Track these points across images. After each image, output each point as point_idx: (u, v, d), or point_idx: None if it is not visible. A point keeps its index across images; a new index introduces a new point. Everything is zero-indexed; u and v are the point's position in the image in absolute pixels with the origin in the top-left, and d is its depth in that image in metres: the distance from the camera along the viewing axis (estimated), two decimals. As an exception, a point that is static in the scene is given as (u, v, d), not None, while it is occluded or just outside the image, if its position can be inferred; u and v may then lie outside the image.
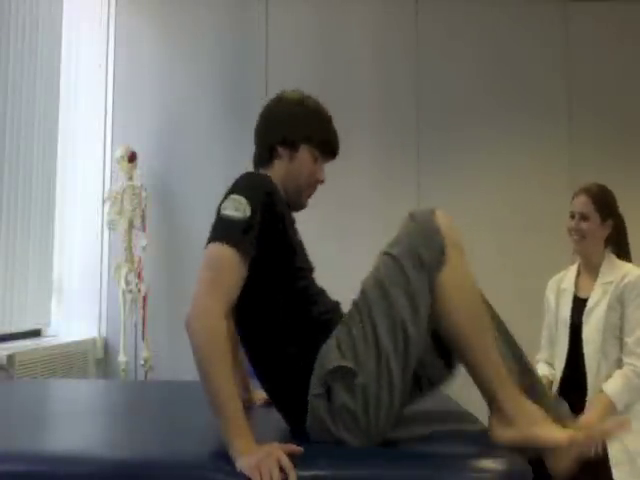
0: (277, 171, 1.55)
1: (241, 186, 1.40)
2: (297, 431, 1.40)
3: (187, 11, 4.10)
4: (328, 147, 1.60)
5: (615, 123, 4.15)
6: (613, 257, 2.20)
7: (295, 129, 1.55)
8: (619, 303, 2.09)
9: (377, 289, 1.35)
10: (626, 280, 2.10)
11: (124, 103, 3.96)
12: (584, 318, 2.15)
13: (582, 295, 2.21)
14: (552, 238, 4.03)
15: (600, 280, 2.17)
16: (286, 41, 4.12)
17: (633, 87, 4.20)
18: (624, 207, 4.20)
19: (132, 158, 3.57)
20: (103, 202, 3.66)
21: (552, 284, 2.37)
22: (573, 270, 2.30)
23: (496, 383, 1.34)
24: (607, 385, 2.02)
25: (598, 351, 2.09)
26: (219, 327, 1.25)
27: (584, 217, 2.18)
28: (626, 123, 4.15)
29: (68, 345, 3.44)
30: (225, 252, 1.29)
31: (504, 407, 1.33)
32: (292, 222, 1.53)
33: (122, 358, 3.47)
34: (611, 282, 2.13)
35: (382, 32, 4.16)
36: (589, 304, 2.16)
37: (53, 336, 3.58)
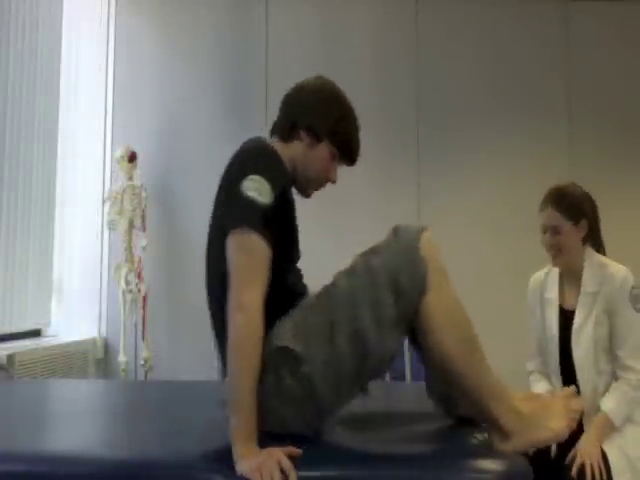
0: (293, 150, 1.50)
1: (261, 164, 1.37)
2: None
3: (187, 11, 4.10)
4: (349, 152, 1.58)
5: (615, 123, 4.15)
6: (593, 256, 2.07)
7: (325, 122, 1.51)
8: (606, 314, 1.99)
9: (346, 295, 1.32)
10: (610, 288, 1.98)
11: (124, 103, 3.96)
12: (573, 341, 2.04)
13: (568, 307, 2.10)
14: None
15: (583, 289, 2.04)
16: (286, 41, 4.13)
17: (633, 87, 4.20)
18: (624, 207, 4.20)
19: (132, 158, 3.57)
20: (103, 202, 3.66)
21: (534, 286, 2.22)
22: (555, 274, 2.15)
23: (490, 401, 1.32)
24: (603, 402, 1.94)
25: (591, 368, 2.00)
26: (259, 322, 1.26)
27: (556, 231, 2.03)
28: (626, 123, 4.16)
29: (68, 345, 3.44)
30: (254, 239, 1.29)
31: (501, 423, 1.31)
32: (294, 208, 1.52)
33: (122, 358, 3.47)
34: (596, 292, 2.00)
35: (382, 32, 4.16)
36: (576, 322, 2.04)
37: (53, 336, 3.58)
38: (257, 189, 1.31)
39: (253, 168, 1.35)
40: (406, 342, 2.97)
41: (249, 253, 1.29)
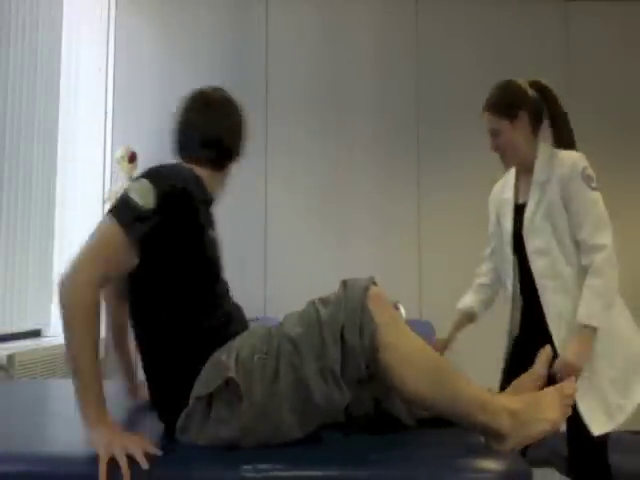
0: (206, 171, 1.58)
1: (158, 174, 1.39)
2: (168, 428, 1.39)
3: (187, 11, 4.10)
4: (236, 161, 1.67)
5: (615, 123, 4.15)
6: (547, 148, 1.97)
7: (236, 145, 1.64)
8: (562, 202, 1.87)
9: (293, 342, 1.30)
10: (561, 173, 1.87)
11: (124, 103, 3.97)
12: (525, 233, 1.93)
13: (522, 200, 1.99)
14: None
15: (534, 179, 1.93)
16: (286, 41, 4.13)
17: (633, 87, 4.20)
18: (624, 207, 4.18)
19: (132, 158, 3.57)
20: (103, 202, 3.66)
21: (494, 194, 2.16)
22: (512, 174, 2.08)
23: (475, 414, 1.30)
24: (579, 312, 1.79)
25: (547, 267, 1.88)
26: (89, 296, 1.26)
27: (495, 133, 1.98)
28: (626, 123, 4.16)
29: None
30: (115, 231, 1.30)
31: (494, 428, 1.30)
32: (210, 219, 1.50)
33: (122, 358, 3.46)
34: (546, 181, 1.90)
35: (382, 32, 4.16)
36: (527, 212, 1.93)
37: (53, 336, 3.58)
38: (141, 194, 1.33)
39: (149, 174, 1.38)
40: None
41: (103, 241, 1.30)
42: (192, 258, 1.40)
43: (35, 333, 3.50)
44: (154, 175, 1.38)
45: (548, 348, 1.48)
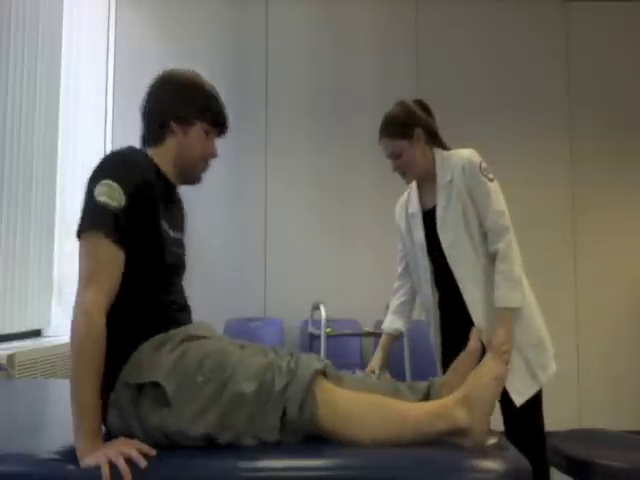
0: (170, 148, 1.53)
1: (116, 169, 1.37)
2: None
3: (187, 11, 4.10)
4: (220, 121, 1.61)
5: (615, 122, 4.15)
6: (442, 153, 2.06)
7: (189, 105, 1.54)
8: (468, 197, 1.96)
9: (239, 393, 1.29)
10: (461, 169, 1.96)
11: (124, 102, 3.97)
12: (439, 229, 1.99)
13: (429, 206, 2.07)
14: (552, 234, 4.03)
15: (439, 185, 2.01)
16: (286, 41, 4.13)
17: (633, 86, 4.20)
18: (624, 207, 4.18)
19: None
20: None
21: (400, 212, 2.24)
22: (414, 188, 2.16)
23: (432, 426, 1.30)
24: (495, 297, 1.88)
25: (466, 264, 1.95)
26: (100, 325, 1.27)
27: (396, 155, 2.05)
28: (626, 122, 4.16)
29: (68, 345, 3.42)
30: (103, 243, 1.30)
31: (454, 427, 1.29)
32: (168, 209, 1.50)
33: (122, 358, 3.46)
34: (450, 180, 1.98)
35: (382, 31, 4.16)
36: (438, 211, 2.00)
37: (53, 336, 3.58)
38: (109, 194, 1.32)
39: (105, 173, 1.36)
40: (404, 341, 2.97)
41: (96, 258, 1.30)
42: (144, 247, 1.39)
43: (35, 333, 3.50)
44: (113, 170, 1.36)
45: (478, 326, 1.52)
